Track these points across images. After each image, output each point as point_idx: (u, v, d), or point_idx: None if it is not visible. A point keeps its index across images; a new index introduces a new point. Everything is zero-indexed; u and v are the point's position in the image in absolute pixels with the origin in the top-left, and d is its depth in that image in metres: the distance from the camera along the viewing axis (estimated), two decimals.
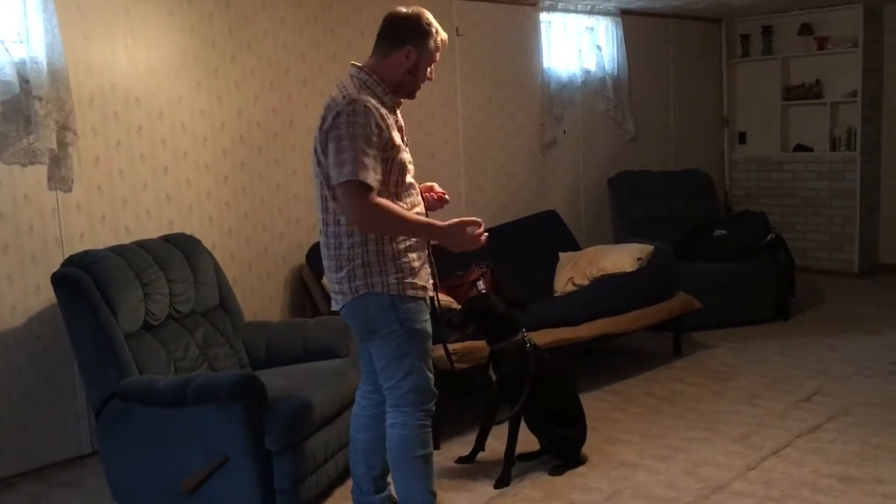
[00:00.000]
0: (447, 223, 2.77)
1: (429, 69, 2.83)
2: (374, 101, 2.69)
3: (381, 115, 2.68)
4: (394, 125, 2.76)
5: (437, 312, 3.06)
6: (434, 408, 2.90)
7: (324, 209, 2.79)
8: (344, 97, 2.67)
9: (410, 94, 2.86)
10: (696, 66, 7.34)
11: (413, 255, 2.80)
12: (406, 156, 2.80)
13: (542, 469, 3.56)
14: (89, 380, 3.33)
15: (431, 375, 2.88)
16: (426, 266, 2.88)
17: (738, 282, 5.71)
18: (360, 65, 2.82)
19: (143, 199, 4.09)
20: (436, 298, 3.06)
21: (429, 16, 2.81)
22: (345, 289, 2.76)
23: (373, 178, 2.61)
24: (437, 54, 2.83)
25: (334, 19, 4.80)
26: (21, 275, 3.72)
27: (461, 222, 2.78)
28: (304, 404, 3.13)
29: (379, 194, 2.65)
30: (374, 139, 2.63)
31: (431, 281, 2.92)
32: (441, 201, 3.02)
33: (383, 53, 2.79)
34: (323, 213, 2.80)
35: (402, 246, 2.77)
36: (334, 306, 2.89)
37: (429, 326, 2.86)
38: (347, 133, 2.60)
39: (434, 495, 2.90)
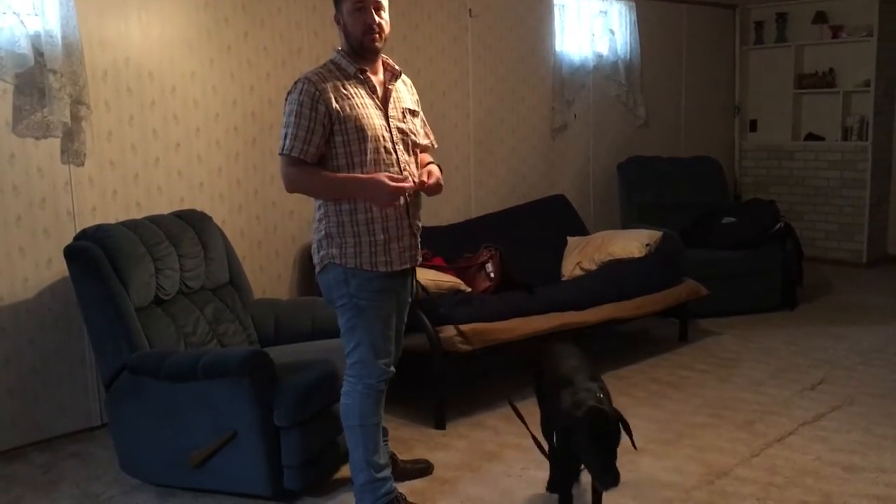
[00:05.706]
0: (368, 177, 2.74)
1: (367, 18, 2.77)
2: (326, 76, 2.78)
3: (332, 87, 2.76)
4: (363, 94, 2.81)
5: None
6: (384, 385, 2.92)
7: None
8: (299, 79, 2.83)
9: (368, 50, 2.82)
10: (708, 52, 7.30)
11: (377, 227, 2.80)
12: (374, 121, 2.79)
13: None
14: (100, 353, 3.37)
15: (382, 353, 2.88)
16: (402, 239, 2.86)
17: (745, 270, 5.70)
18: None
19: (154, 175, 4.10)
20: (412, 275, 3.04)
21: None
22: (315, 259, 2.90)
23: (301, 149, 2.72)
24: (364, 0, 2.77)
25: None
26: (33, 247, 3.74)
27: (380, 178, 2.72)
28: (312, 381, 3.15)
29: (338, 167, 2.76)
30: (310, 113, 2.72)
31: (411, 254, 2.92)
32: (423, 185, 2.90)
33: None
34: None
35: (363, 216, 2.79)
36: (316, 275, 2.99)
37: (381, 304, 2.84)
38: (287, 110, 2.78)
39: (374, 466, 2.93)
